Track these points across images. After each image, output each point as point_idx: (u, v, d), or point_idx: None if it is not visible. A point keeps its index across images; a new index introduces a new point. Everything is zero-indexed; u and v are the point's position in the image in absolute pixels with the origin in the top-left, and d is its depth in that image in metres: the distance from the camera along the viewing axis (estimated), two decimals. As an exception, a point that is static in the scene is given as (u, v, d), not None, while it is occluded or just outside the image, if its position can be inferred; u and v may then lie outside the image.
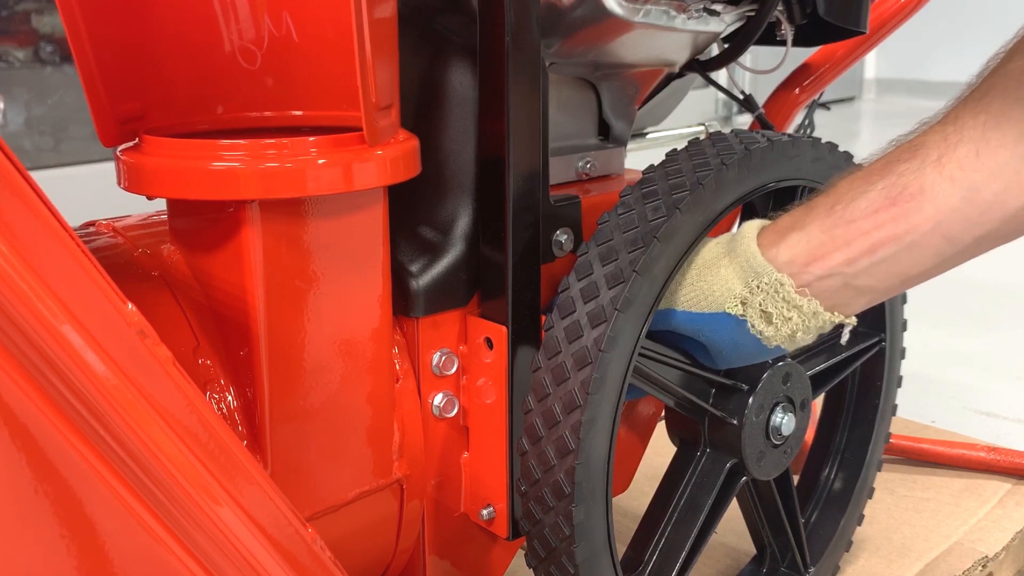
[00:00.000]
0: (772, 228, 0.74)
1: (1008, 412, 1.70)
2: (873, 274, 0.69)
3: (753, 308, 0.72)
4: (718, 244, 0.76)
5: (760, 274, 0.71)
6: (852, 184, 0.70)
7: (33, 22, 2.62)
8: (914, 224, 0.66)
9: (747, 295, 0.72)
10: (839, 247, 0.69)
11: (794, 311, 0.71)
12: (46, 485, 0.51)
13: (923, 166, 0.66)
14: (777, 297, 0.71)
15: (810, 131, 1.18)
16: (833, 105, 1.32)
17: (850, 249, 0.69)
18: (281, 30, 0.70)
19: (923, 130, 0.68)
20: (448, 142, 0.79)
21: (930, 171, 0.66)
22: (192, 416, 0.53)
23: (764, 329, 0.73)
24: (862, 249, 0.69)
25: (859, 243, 0.68)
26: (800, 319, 0.71)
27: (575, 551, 0.73)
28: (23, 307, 0.46)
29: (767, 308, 0.71)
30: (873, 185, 0.68)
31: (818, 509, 1.02)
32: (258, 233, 0.64)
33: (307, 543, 0.59)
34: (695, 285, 0.75)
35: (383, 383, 0.74)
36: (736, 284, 0.73)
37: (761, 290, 0.71)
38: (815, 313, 0.71)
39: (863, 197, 0.68)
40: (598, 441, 0.71)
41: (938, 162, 0.65)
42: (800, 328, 0.72)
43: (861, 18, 0.95)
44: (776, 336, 0.73)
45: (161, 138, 0.65)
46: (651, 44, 0.84)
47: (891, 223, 0.67)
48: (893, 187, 0.67)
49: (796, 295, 0.71)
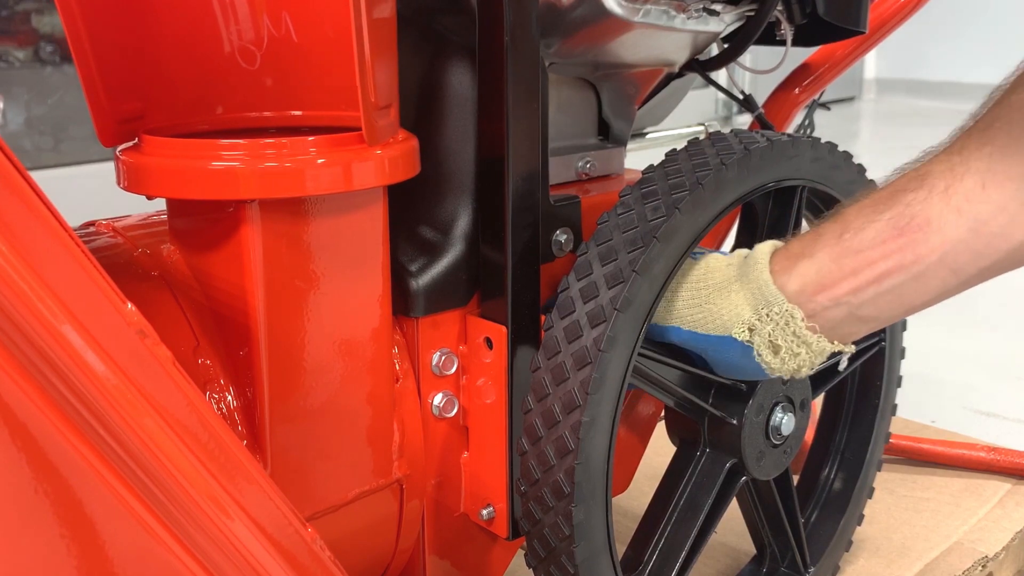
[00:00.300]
0: (783, 254, 0.73)
1: (1008, 412, 1.70)
2: (878, 304, 0.70)
3: (761, 337, 0.72)
4: (730, 266, 0.76)
5: (771, 303, 0.71)
6: (860, 212, 0.70)
7: (33, 22, 2.62)
8: (920, 255, 0.67)
9: (756, 323, 0.72)
10: (846, 276, 0.69)
11: (803, 347, 0.71)
12: (46, 485, 0.51)
13: (930, 196, 0.66)
14: (788, 331, 0.71)
15: (810, 131, 1.18)
16: (833, 105, 1.32)
17: (857, 279, 0.69)
18: (280, 30, 0.70)
19: (928, 159, 0.68)
20: (448, 142, 0.79)
21: (937, 202, 0.66)
22: (192, 416, 0.53)
23: (771, 361, 0.73)
24: (869, 279, 0.69)
25: (866, 273, 0.69)
26: (808, 355, 0.72)
27: (575, 551, 0.73)
28: (23, 307, 0.46)
29: (776, 340, 0.71)
30: (881, 215, 0.68)
31: (818, 509, 1.02)
32: (258, 233, 0.64)
33: (307, 543, 0.60)
34: (703, 307, 0.75)
35: (383, 383, 0.74)
36: (746, 310, 0.73)
37: (771, 319, 0.71)
38: (823, 350, 0.72)
39: (871, 226, 0.69)
40: (598, 441, 0.71)
41: (945, 193, 0.66)
42: (806, 364, 0.73)
43: (861, 18, 0.95)
44: (781, 368, 0.73)
45: (161, 138, 0.65)
46: (651, 44, 0.84)
47: (898, 253, 0.67)
48: (901, 217, 0.67)
49: (807, 331, 0.71)
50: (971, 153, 0.65)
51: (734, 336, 0.73)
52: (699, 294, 0.75)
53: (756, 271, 0.73)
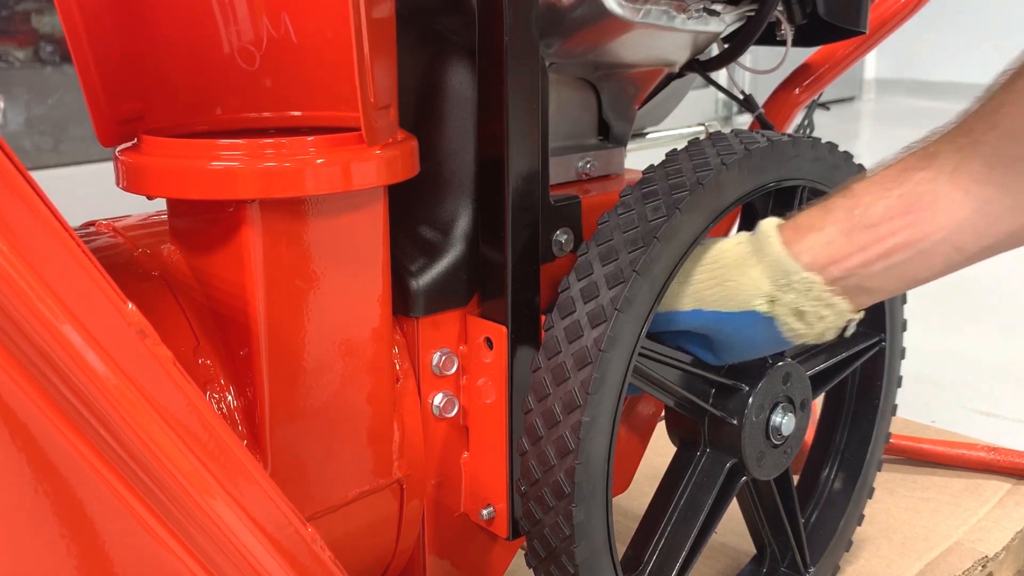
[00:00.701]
0: (790, 227, 0.75)
1: (1008, 412, 1.70)
2: (885, 276, 0.72)
3: (783, 306, 0.74)
4: (740, 244, 0.77)
5: (789, 272, 0.73)
6: (869, 188, 0.72)
7: (33, 22, 2.62)
8: (927, 232, 0.69)
9: (777, 294, 0.74)
10: (856, 250, 0.72)
11: (828, 309, 0.74)
12: (46, 485, 0.51)
13: (938, 176, 0.68)
14: (811, 295, 0.73)
15: (810, 131, 1.18)
16: (833, 105, 1.32)
17: (866, 253, 0.71)
18: (279, 31, 0.70)
19: (936, 139, 0.70)
20: (448, 142, 0.79)
21: (945, 182, 0.68)
22: (192, 416, 0.53)
23: (798, 328, 0.75)
24: (878, 253, 0.71)
25: (876, 247, 0.71)
26: (834, 317, 0.74)
27: (575, 551, 0.73)
28: (23, 307, 0.46)
29: (802, 307, 0.73)
30: (890, 192, 0.71)
31: (818, 509, 1.02)
32: (258, 233, 0.64)
33: (307, 543, 0.60)
34: (724, 285, 0.77)
35: (383, 383, 0.74)
36: (764, 283, 0.74)
37: (792, 288, 0.73)
38: (844, 311, 0.74)
39: (880, 202, 0.71)
40: (598, 441, 0.71)
41: (952, 173, 0.68)
42: (831, 325, 0.75)
43: (861, 18, 0.95)
44: (809, 333, 0.75)
45: (160, 138, 0.65)
46: (651, 44, 0.84)
47: (907, 229, 0.70)
48: (910, 195, 0.69)
49: (829, 294, 0.73)
50: (978, 136, 0.67)
51: (755, 310, 0.75)
52: (716, 274, 0.77)
53: (769, 245, 0.74)
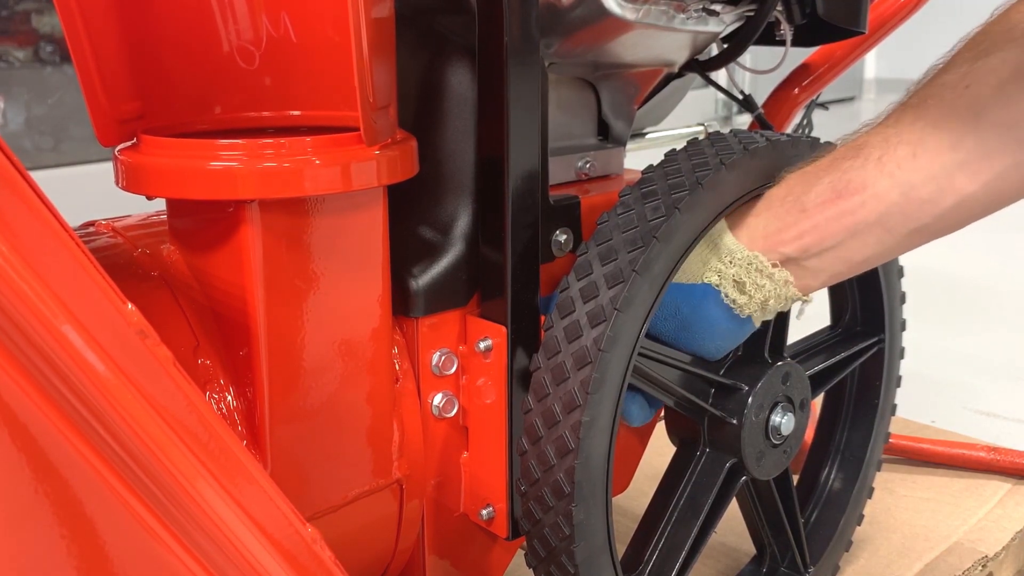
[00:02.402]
0: (735, 215, 0.79)
1: (1008, 412, 1.70)
2: (823, 259, 0.76)
3: (726, 279, 0.77)
4: None
5: (733, 251, 0.77)
6: (802, 178, 0.76)
7: (33, 22, 2.62)
8: (859, 216, 0.73)
9: (722, 268, 0.78)
10: (793, 235, 0.76)
11: (767, 279, 0.77)
12: (46, 485, 0.51)
13: (866, 164, 0.72)
14: (751, 269, 0.77)
15: (808, 131, 1.18)
16: (832, 105, 1.32)
17: (800, 237, 0.75)
18: (279, 30, 0.70)
19: (865, 131, 0.74)
20: (447, 142, 0.79)
21: (872, 168, 0.72)
22: (192, 416, 0.53)
23: (738, 298, 0.78)
24: (813, 238, 0.75)
25: (810, 232, 0.75)
26: (772, 286, 0.77)
27: (575, 551, 0.73)
28: (23, 307, 0.46)
29: (741, 278, 0.77)
30: (820, 180, 0.74)
31: (818, 509, 1.02)
32: (257, 233, 0.64)
33: (307, 543, 0.59)
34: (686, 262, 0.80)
35: (383, 383, 0.74)
36: (711, 258, 0.78)
37: (735, 264, 0.77)
38: (786, 281, 0.77)
39: (812, 189, 0.75)
40: (598, 441, 0.71)
41: (879, 161, 0.71)
42: (772, 295, 0.77)
43: (860, 18, 0.95)
44: (749, 304, 0.78)
45: (160, 138, 0.65)
46: (650, 44, 0.84)
47: (838, 214, 0.73)
48: (839, 182, 0.73)
49: (769, 266, 0.77)
50: (904, 127, 0.71)
51: (707, 282, 0.78)
52: None
53: (715, 229, 0.78)
